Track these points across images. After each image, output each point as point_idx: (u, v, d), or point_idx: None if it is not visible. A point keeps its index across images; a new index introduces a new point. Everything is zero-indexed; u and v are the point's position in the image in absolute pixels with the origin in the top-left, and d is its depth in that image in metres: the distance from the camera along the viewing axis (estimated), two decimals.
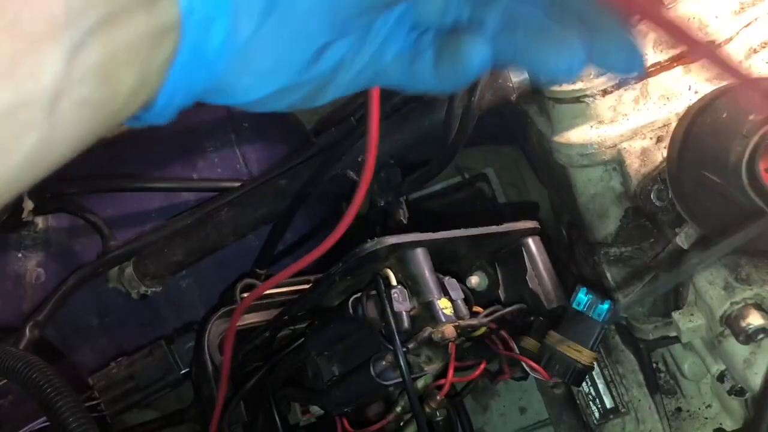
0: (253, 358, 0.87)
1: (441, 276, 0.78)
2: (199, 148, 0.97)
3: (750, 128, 0.67)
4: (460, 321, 0.78)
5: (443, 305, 0.76)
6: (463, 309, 0.78)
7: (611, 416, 0.93)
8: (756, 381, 0.74)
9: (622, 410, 0.92)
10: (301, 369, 0.86)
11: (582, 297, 0.80)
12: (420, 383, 0.83)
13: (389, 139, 0.89)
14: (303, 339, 0.83)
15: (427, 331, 0.75)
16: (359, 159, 0.88)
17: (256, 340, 0.86)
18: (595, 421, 0.95)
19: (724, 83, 0.77)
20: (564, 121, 0.83)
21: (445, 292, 0.78)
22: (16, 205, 0.83)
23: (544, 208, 1.06)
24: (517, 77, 0.85)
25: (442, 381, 0.84)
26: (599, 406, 0.94)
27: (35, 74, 0.28)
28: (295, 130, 1.03)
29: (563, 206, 0.96)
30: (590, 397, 0.95)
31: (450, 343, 0.80)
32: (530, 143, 0.94)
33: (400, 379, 0.74)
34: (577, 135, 0.82)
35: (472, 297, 0.82)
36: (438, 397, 0.84)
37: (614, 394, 0.94)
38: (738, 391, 0.81)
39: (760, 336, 0.72)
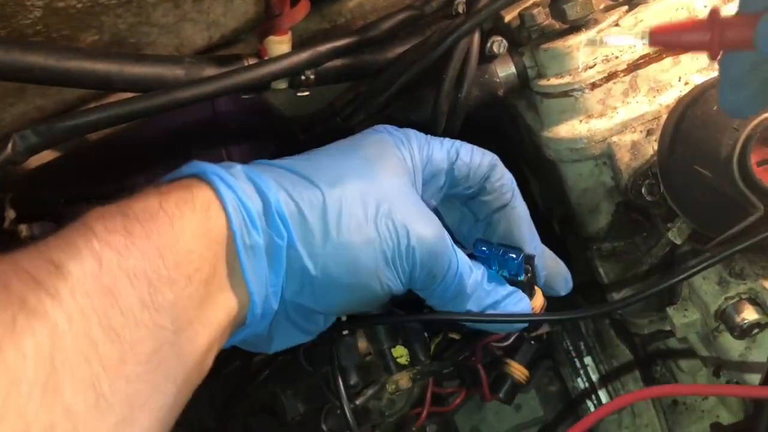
0: (233, 381, 0.87)
1: None
2: (184, 150, 0.95)
3: (741, 120, 0.66)
4: (416, 368, 0.77)
5: (398, 354, 0.76)
6: (421, 355, 0.78)
7: None
8: (751, 375, 0.74)
9: None
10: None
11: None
12: (396, 409, 0.83)
13: None
14: (267, 373, 0.83)
15: (381, 381, 0.75)
16: None
17: (236, 362, 0.86)
18: None
19: (714, 74, 0.76)
20: (552, 116, 0.82)
21: (403, 336, 0.77)
22: None
23: (535, 204, 1.05)
24: (503, 71, 0.83)
25: (419, 410, 0.84)
26: (595, 401, 0.94)
27: None
28: (281, 129, 1.02)
29: (555, 201, 0.95)
30: (586, 392, 0.94)
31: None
32: (520, 138, 0.93)
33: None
34: (566, 129, 0.80)
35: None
36: (414, 428, 0.84)
37: (610, 389, 0.93)
38: None
39: (755, 330, 0.72)
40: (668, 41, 0.52)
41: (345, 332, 0.75)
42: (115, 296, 0.43)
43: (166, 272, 0.47)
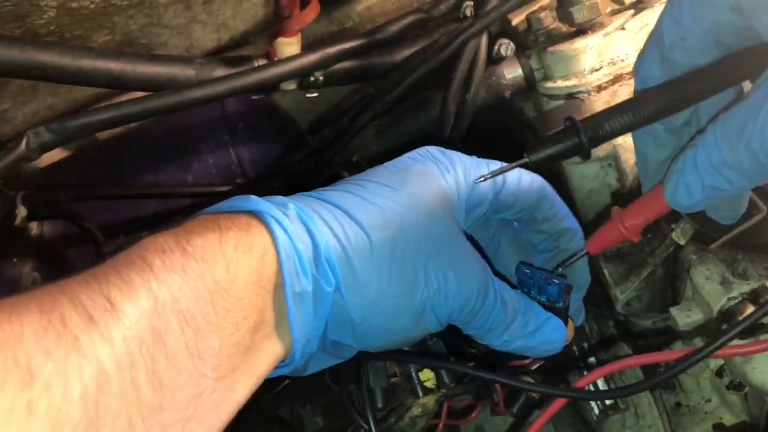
0: None
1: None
2: (194, 150, 0.96)
3: None
4: (442, 391, 0.78)
5: (425, 377, 0.77)
6: (447, 379, 0.78)
7: (610, 412, 0.92)
8: (754, 376, 0.74)
9: (622, 406, 0.92)
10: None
11: None
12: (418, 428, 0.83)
13: (384, 138, 0.89)
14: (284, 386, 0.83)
15: (407, 404, 0.76)
16: (354, 159, 0.88)
17: None
18: (594, 418, 0.94)
19: None
20: (558, 118, 0.82)
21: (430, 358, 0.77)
22: (9, 211, 0.83)
23: None
24: (510, 74, 0.84)
25: (435, 421, 0.84)
26: (598, 402, 0.94)
27: None
28: (290, 130, 1.03)
29: None
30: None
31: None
32: (525, 139, 0.94)
33: None
34: None
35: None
36: None
37: (613, 388, 0.93)
38: (736, 386, 0.81)
39: (758, 331, 0.72)
40: (604, 249, 0.65)
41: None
42: (164, 341, 0.43)
43: (215, 319, 0.47)
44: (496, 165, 0.66)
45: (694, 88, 0.50)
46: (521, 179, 0.66)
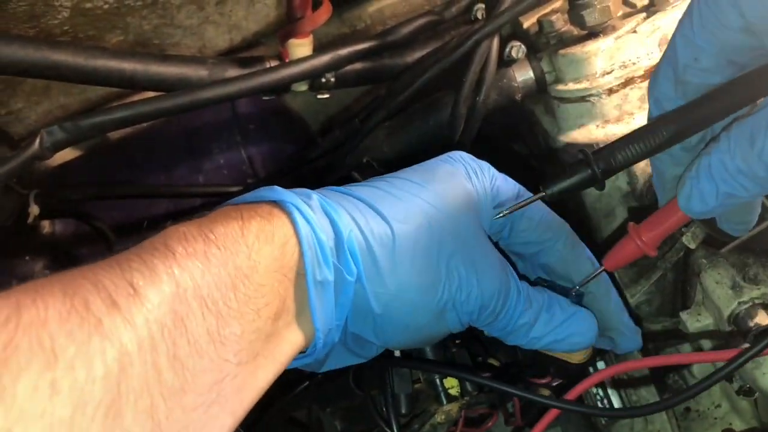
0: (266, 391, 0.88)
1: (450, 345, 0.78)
2: (205, 150, 0.97)
3: None
4: (465, 399, 0.78)
5: (449, 385, 0.77)
6: (470, 387, 0.79)
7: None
8: (764, 381, 0.74)
9: None
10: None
11: None
12: None
13: (395, 140, 0.89)
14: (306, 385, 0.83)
15: (431, 411, 0.76)
16: (364, 160, 0.88)
17: None
18: (602, 421, 0.94)
19: None
20: (569, 121, 0.82)
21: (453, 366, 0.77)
22: (22, 209, 0.83)
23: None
24: (521, 76, 0.84)
25: (452, 428, 0.84)
26: (607, 406, 0.94)
27: None
28: (301, 131, 1.03)
29: (570, 206, 0.95)
30: (598, 397, 0.94)
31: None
32: (536, 142, 0.94)
33: None
34: (583, 134, 0.81)
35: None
36: None
37: (622, 394, 0.93)
38: (746, 392, 0.80)
39: None
40: (621, 265, 0.67)
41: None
42: (185, 325, 0.44)
43: (236, 305, 0.47)
44: (522, 188, 0.68)
45: (706, 112, 0.51)
46: (542, 214, 0.68)
